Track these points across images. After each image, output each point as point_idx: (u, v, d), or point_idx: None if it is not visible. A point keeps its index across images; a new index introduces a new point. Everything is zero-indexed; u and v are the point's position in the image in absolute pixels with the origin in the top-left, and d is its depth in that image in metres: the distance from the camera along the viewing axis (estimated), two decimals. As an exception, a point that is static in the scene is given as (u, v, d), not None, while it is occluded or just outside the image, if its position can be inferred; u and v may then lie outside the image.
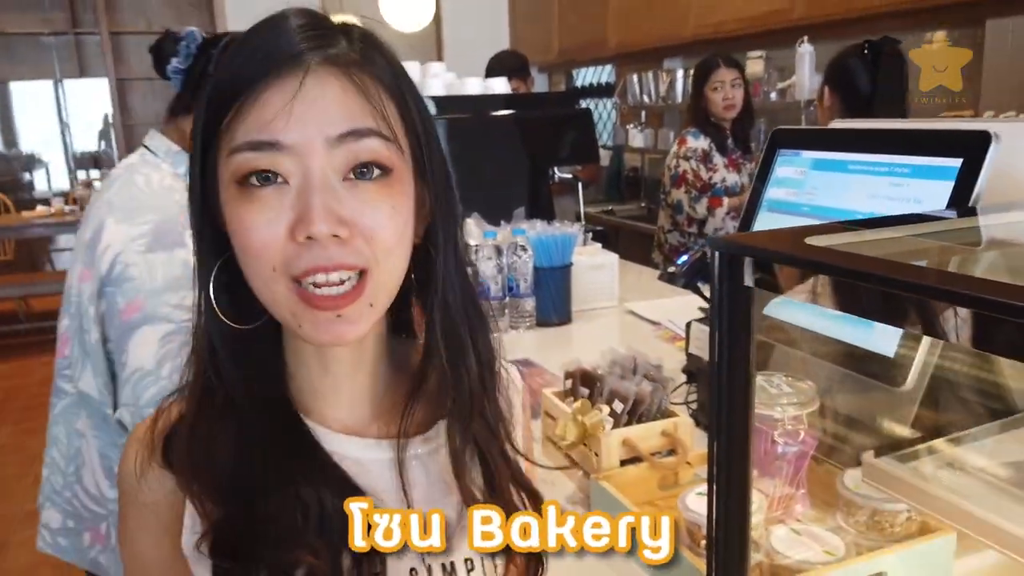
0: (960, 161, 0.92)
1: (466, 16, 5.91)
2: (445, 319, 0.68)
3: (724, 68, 3.02)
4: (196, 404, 0.66)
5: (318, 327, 0.59)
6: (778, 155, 1.20)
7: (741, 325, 0.68)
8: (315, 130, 0.57)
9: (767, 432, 0.99)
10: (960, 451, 0.81)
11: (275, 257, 0.58)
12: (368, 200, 0.59)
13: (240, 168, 0.58)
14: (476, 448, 0.71)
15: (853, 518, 0.92)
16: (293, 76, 0.57)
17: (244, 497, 0.62)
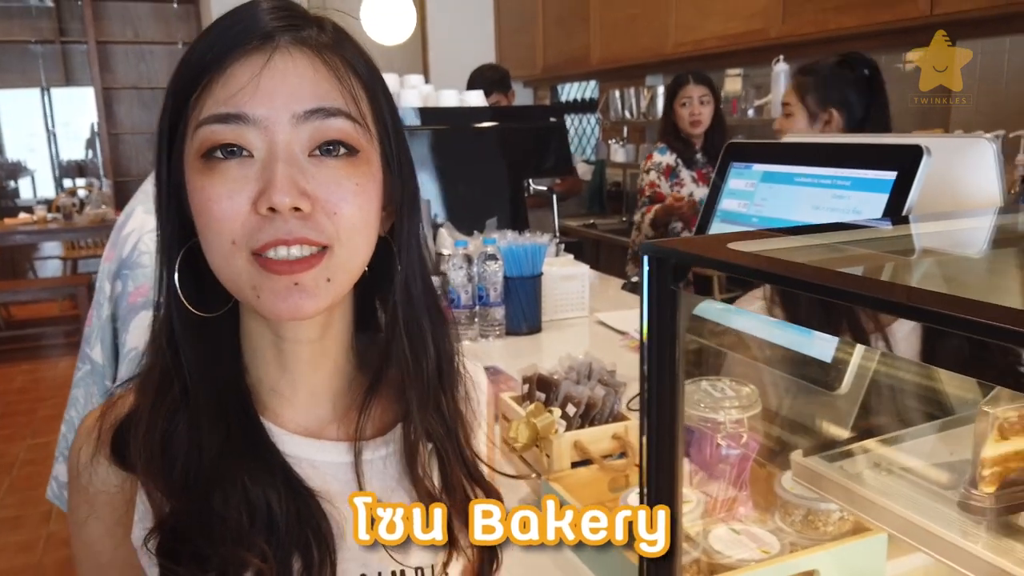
0: (895, 174, 0.96)
1: (452, 32, 5.97)
2: (407, 311, 0.68)
3: (692, 84, 3.07)
4: (153, 394, 0.64)
5: (276, 296, 0.58)
6: (731, 168, 1.24)
7: (668, 323, 0.71)
8: (282, 104, 0.57)
9: (711, 435, 1.02)
10: (888, 452, 0.84)
11: (236, 230, 0.58)
12: (333, 176, 0.59)
13: (205, 141, 0.58)
14: (432, 445, 0.70)
15: (789, 518, 0.94)
16: (262, 51, 0.58)
17: (194, 494, 0.61)
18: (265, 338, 0.66)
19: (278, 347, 0.66)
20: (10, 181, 7.45)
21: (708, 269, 0.67)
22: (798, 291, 0.55)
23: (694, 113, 3.08)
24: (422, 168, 2.28)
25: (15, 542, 3.04)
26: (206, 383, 0.64)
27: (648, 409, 0.73)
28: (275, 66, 0.58)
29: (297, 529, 0.62)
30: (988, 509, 0.70)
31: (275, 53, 0.58)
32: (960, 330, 0.43)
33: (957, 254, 0.81)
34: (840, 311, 0.56)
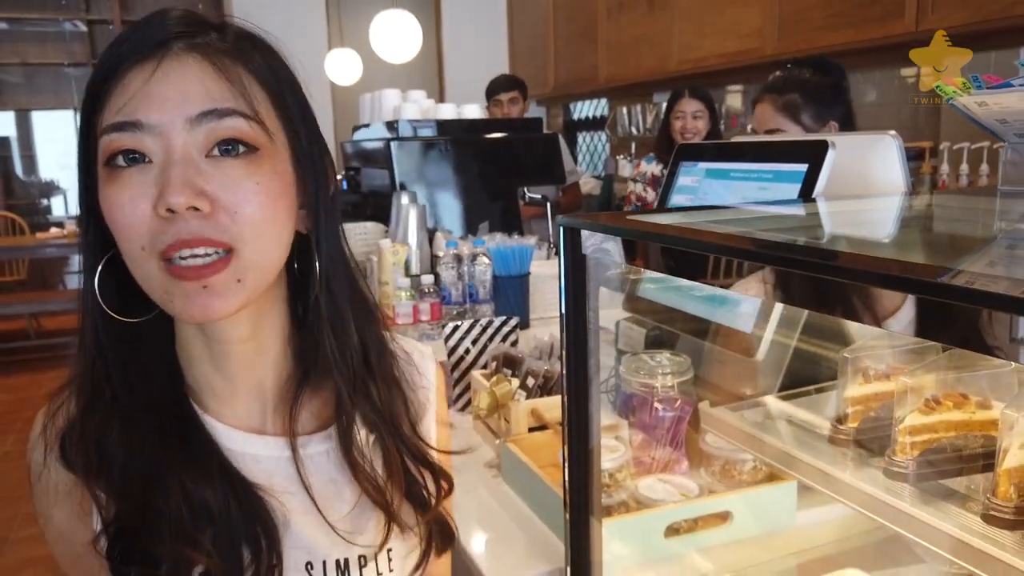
0: (807, 166, 1.08)
1: (467, 52, 6.16)
2: (329, 306, 0.68)
3: (687, 99, 3.18)
4: (85, 402, 0.65)
5: (187, 299, 0.59)
6: (680, 167, 1.37)
7: (580, 285, 0.84)
8: (174, 109, 0.58)
9: (649, 399, 1.14)
10: (783, 405, 0.96)
11: (142, 235, 0.59)
12: (231, 176, 0.59)
13: (106, 149, 0.59)
14: (372, 433, 0.73)
15: (710, 468, 1.06)
16: (153, 59, 0.59)
17: (135, 495, 0.62)
18: (196, 340, 0.68)
19: (210, 348, 0.67)
20: (43, 199, 7.71)
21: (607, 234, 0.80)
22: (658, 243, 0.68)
23: (687, 127, 3.18)
24: (420, 176, 2.44)
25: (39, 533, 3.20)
26: (137, 387, 0.64)
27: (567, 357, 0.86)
28: (165, 72, 0.59)
29: (241, 523, 0.64)
30: (850, 441, 0.81)
31: (164, 59, 0.59)
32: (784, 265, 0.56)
33: (791, 212, 0.94)
34: (693, 259, 0.69)
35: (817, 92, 1.96)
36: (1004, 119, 0.95)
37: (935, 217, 1.02)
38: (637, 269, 1.18)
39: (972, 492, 0.71)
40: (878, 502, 0.73)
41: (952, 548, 0.66)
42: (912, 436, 0.74)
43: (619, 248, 0.84)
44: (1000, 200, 1.01)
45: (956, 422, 0.75)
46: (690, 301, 1.17)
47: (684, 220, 0.82)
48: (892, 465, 0.75)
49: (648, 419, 1.15)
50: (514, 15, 6.36)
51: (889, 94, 3.67)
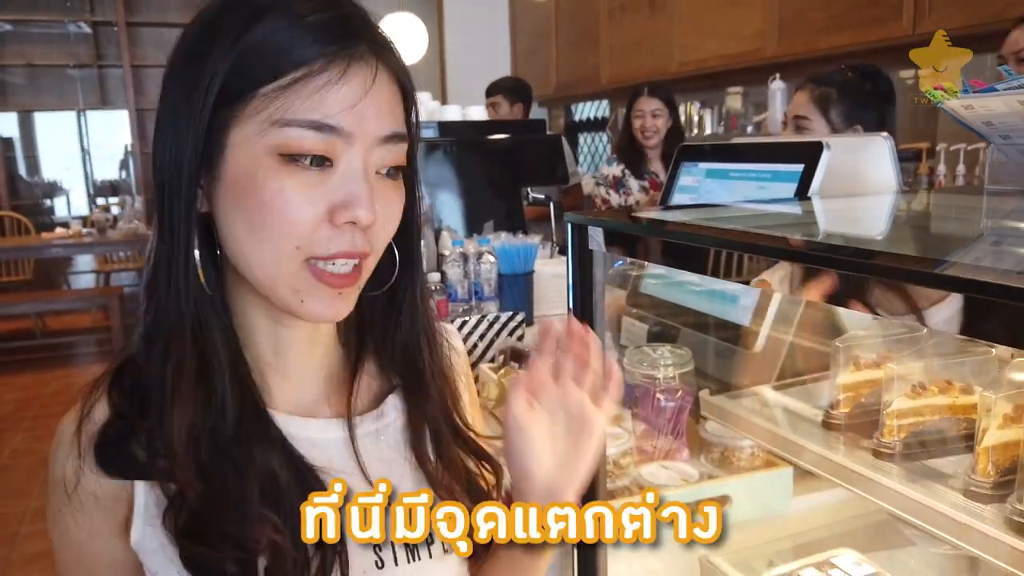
0: (802, 167, 1.13)
1: (469, 54, 6.21)
2: (420, 302, 0.71)
3: (646, 97, 3.15)
4: (173, 383, 0.62)
5: (323, 303, 0.61)
6: (681, 167, 1.42)
7: (588, 278, 0.89)
8: (372, 127, 0.59)
9: (651, 389, 1.19)
10: (779, 394, 1.01)
11: (304, 235, 0.58)
12: (389, 197, 0.62)
13: (292, 144, 0.57)
14: (425, 418, 0.72)
15: (710, 455, 1.11)
16: (364, 70, 0.59)
17: (211, 475, 0.61)
18: (262, 326, 0.67)
19: (275, 332, 0.67)
20: (46, 199, 7.77)
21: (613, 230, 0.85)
22: (661, 238, 0.73)
23: (646, 126, 3.17)
24: (425, 177, 2.48)
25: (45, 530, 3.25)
26: (218, 364, 0.63)
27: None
28: (376, 90, 0.59)
29: (303, 502, 0.62)
30: (842, 425, 0.86)
31: (377, 76, 0.60)
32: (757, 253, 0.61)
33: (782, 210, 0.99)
34: (698, 255, 0.74)
35: (853, 92, 1.99)
36: (989, 121, 0.99)
37: (926, 215, 1.07)
38: (640, 266, 1.23)
39: (954, 471, 0.76)
40: (867, 480, 0.78)
41: (935, 522, 0.71)
42: (899, 419, 0.79)
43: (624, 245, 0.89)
44: (987, 198, 1.05)
45: (941, 406, 0.80)
46: (690, 296, 1.22)
47: (688, 218, 0.86)
48: (880, 446, 0.80)
49: (651, 409, 1.19)
50: (516, 17, 6.41)
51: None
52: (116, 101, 7.32)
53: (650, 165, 3.28)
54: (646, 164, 3.27)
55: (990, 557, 0.67)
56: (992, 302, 0.48)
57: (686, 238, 0.77)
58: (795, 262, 0.66)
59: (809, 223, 0.96)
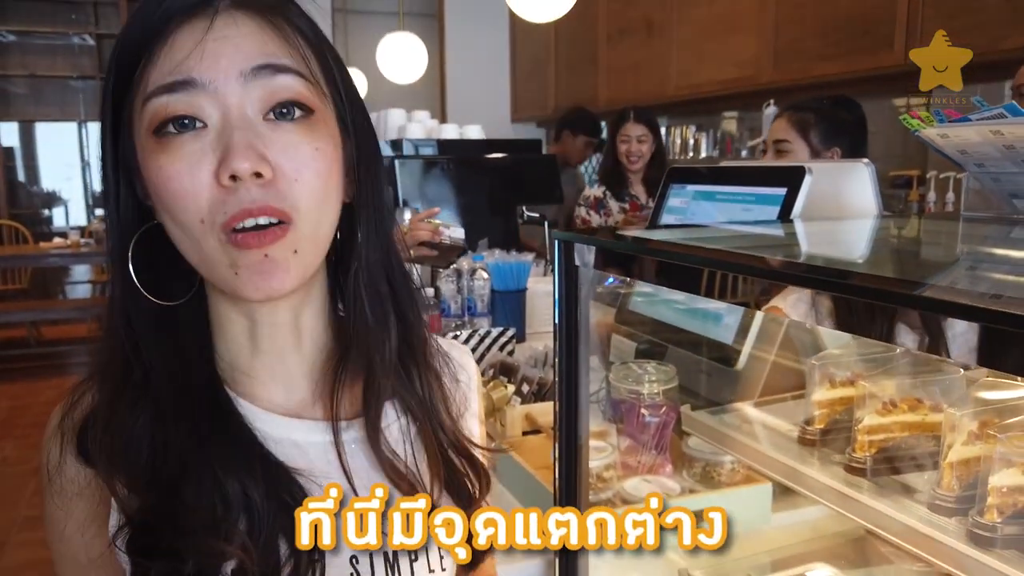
0: (785, 190, 1.17)
1: (469, 74, 6.29)
2: (366, 276, 0.66)
3: (632, 123, 3.20)
4: (112, 389, 0.61)
5: (252, 271, 0.57)
6: (671, 188, 1.45)
7: (573, 295, 0.92)
8: (228, 64, 0.56)
9: (636, 405, 1.21)
10: (759, 411, 1.04)
11: (202, 207, 0.56)
12: (290, 141, 0.57)
13: (156, 115, 0.56)
14: (414, 422, 0.69)
15: (691, 470, 1.14)
16: (203, 16, 0.56)
17: (163, 488, 0.58)
18: (238, 323, 0.65)
19: (252, 331, 0.65)
20: (45, 209, 7.80)
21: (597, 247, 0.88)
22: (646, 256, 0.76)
23: (631, 151, 3.22)
24: (422, 194, 2.53)
25: (40, 538, 3.25)
26: (169, 373, 0.61)
27: (561, 361, 0.94)
28: (218, 28, 0.56)
29: (280, 513, 0.59)
30: (816, 441, 0.89)
31: (217, 16, 0.56)
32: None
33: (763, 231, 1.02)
34: (672, 270, 0.77)
35: (829, 117, 2.12)
36: (964, 150, 1.03)
37: (903, 239, 1.11)
38: (629, 285, 1.26)
39: (922, 485, 0.78)
40: (838, 494, 0.80)
41: (902, 534, 0.74)
42: (870, 435, 0.82)
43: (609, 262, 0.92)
44: (962, 224, 1.09)
45: (910, 423, 0.83)
46: (676, 314, 1.25)
47: (673, 237, 0.90)
48: (852, 461, 0.83)
49: (635, 424, 1.22)
50: (516, 38, 6.49)
51: (879, 123, 3.76)
52: (117, 114, 7.36)
53: (631, 188, 3.33)
54: (628, 187, 3.33)
55: (953, 569, 0.69)
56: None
57: (669, 256, 0.80)
58: (773, 281, 0.69)
59: (790, 244, 0.99)
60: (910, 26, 3.07)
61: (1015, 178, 1.03)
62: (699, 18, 4.27)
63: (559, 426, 0.96)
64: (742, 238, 0.97)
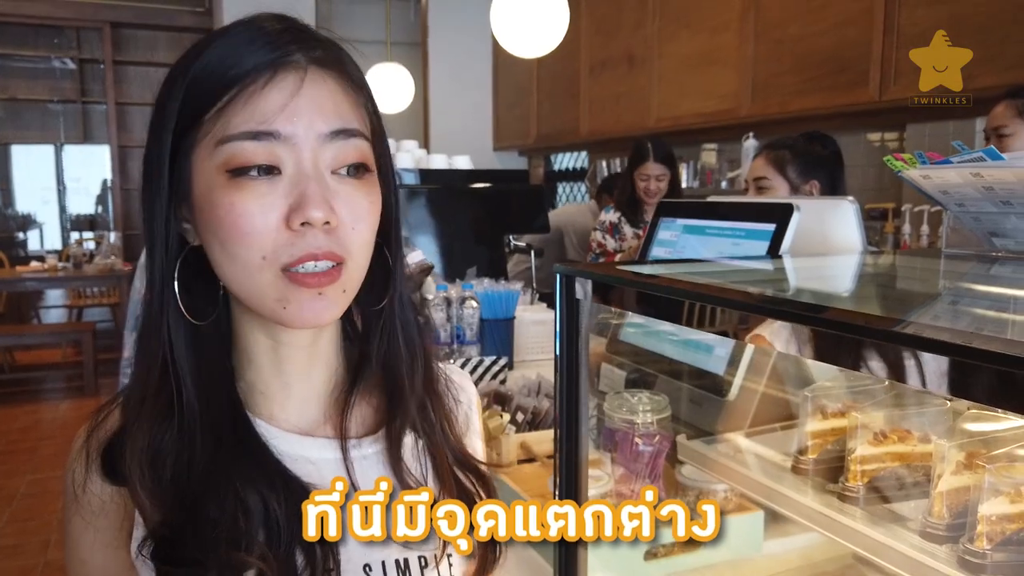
0: (774, 226, 1.21)
1: (452, 104, 6.36)
2: (403, 315, 0.72)
3: (652, 162, 3.29)
4: (143, 406, 0.64)
5: (302, 306, 0.61)
6: (661, 222, 1.49)
7: (574, 328, 0.94)
8: (310, 124, 0.60)
9: (630, 434, 1.24)
10: (752, 441, 1.07)
11: (266, 245, 0.60)
12: (352, 195, 0.62)
13: (236, 158, 0.59)
14: (424, 441, 0.73)
15: (685, 499, 1.16)
16: (292, 74, 0.61)
17: (185, 502, 0.61)
18: (261, 344, 0.68)
19: (275, 352, 0.68)
20: (19, 232, 7.71)
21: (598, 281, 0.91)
22: (646, 291, 0.79)
23: (650, 189, 3.30)
24: (411, 222, 2.56)
25: (15, 567, 3.19)
26: (198, 391, 0.64)
27: (561, 392, 0.96)
28: (306, 88, 0.61)
29: (297, 526, 0.62)
30: (810, 471, 0.92)
31: (306, 77, 0.61)
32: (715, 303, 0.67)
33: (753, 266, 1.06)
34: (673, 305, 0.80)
35: (804, 152, 2.24)
36: (945, 191, 1.08)
37: (888, 275, 1.15)
38: (620, 315, 1.29)
39: (912, 513, 0.81)
40: (834, 522, 0.83)
41: (895, 561, 0.76)
42: (862, 465, 0.85)
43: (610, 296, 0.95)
44: (944, 261, 1.13)
45: (900, 453, 0.86)
46: (667, 345, 1.28)
47: (672, 272, 0.93)
48: (845, 490, 0.86)
49: (629, 453, 1.24)
50: (499, 70, 6.58)
51: (856, 157, 3.87)
52: (98, 136, 7.35)
53: (646, 215, 3.42)
54: (642, 214, 3.42)
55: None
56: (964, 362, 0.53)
57: (672, 292, 0.82)
58: (766, 316, 0.72)
59: (780, 279, 1.02)
60: (884, 65, 3.17)
61: (995, 218, 1.08)
62: (679, 52, 4.37)
63: (559, 454, 0.98)
64: (738, 273, 1.00)
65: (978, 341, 0.52)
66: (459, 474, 0.74)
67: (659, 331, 1.29)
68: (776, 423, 1.12)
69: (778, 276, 1.04)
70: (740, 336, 0.85)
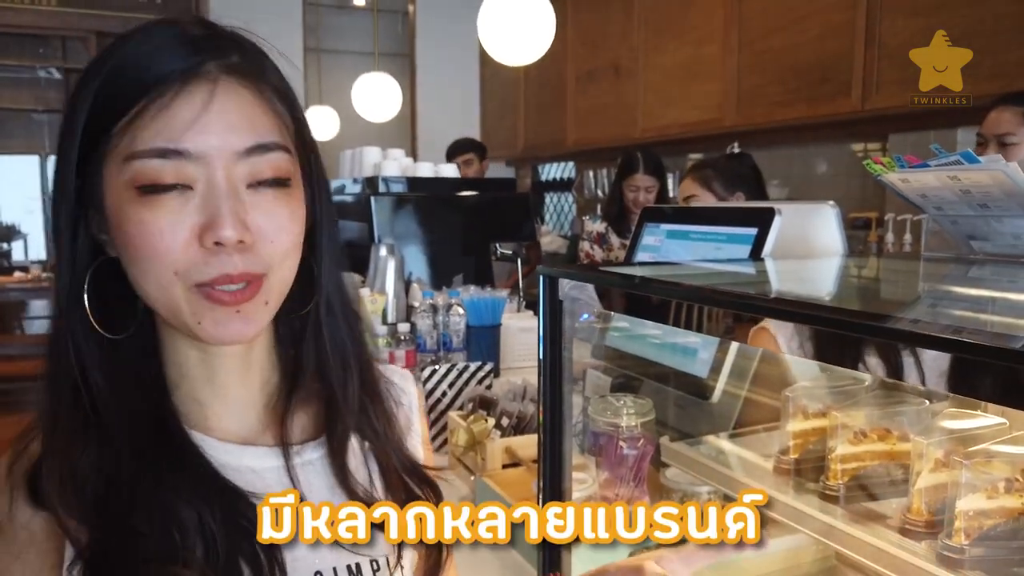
0: (756, 230, 1.22)
1: (440, 114, 6.37)
2: (330, 323, 0.70)
3: (641, 174, 3.30)
4: (58, 425, 0.61)
5: (218, 324, 0.60)
6: (645, 227, 1.50)
7: (557, 327, 0.95)
8: (222, 141, 0.58)
9: (615, 437, 1.24)
10: (734, 441, 1.08)
11: (177, 262, 0.58)
12: (270, 208, 0.60)
13: (144, 175, 0.57)
14: (369, 446, 0.73)
15: (669, 500, 1.16)
16: (202, 86, 0.58)
17: (113, 520, 0.59)
18: (191, 355, 0.66)
19: (206, 363, 0.66)
20: (3, 243, 7.64)
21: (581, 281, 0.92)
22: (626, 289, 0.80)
23: (638, 200, 3.31)
24: (397, 230, 2.56)
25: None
26: (117, 405, 0.62)
27: (545, 391, 0.96)
28: (217, 102, 0.58)
29: (238, 537, 0.61)
30: (792, 470, 0.93)
31: (217, 89, 0.58)
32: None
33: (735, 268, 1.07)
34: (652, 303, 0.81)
35: (726, 170, 2.45)
36: (924, 194, 1.09)
37: (867, 277, 1.16)
38: (605, 320, 1.29)
39: (892, 511, 0.82)
40: (814, 521, 0.84)
41: (876, 558, 0.77)
42: (843, 464, 0.86)
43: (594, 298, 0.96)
44: (923, 264, 1.15)
45: (880, 452, 0.87)
46: (651, 349, 1.29)
47: (652, 273, 0.94)
48: (826, 489, 0.86)
49: (613, 456, 1.24)
50: (486, 80, 6.61)
51: (839, 166, 3.91)
52: (83, 147, 7.30)
53: (632, 225, 3.40)
54: (629, 224, 3.41)
55: (924, 590, 0.73)
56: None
57: (650, 290, 0.84)
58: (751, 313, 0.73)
59: (761, 281, 1.03)
60: (866, 76, 3.21)
61: (972, 221, 1.09)
62: (665, 64, 4.41)
63: (543, 456, 0.98)
64: (719, 275, 1.01)
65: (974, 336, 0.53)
66: (407, 480, 0.74)
67: (643, 335, 1.30)
68: (758, 425, 1.13)
69: (760, 278, 1.05)
70: (734, 332, 0.86)
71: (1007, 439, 0.76)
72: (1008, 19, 2.81)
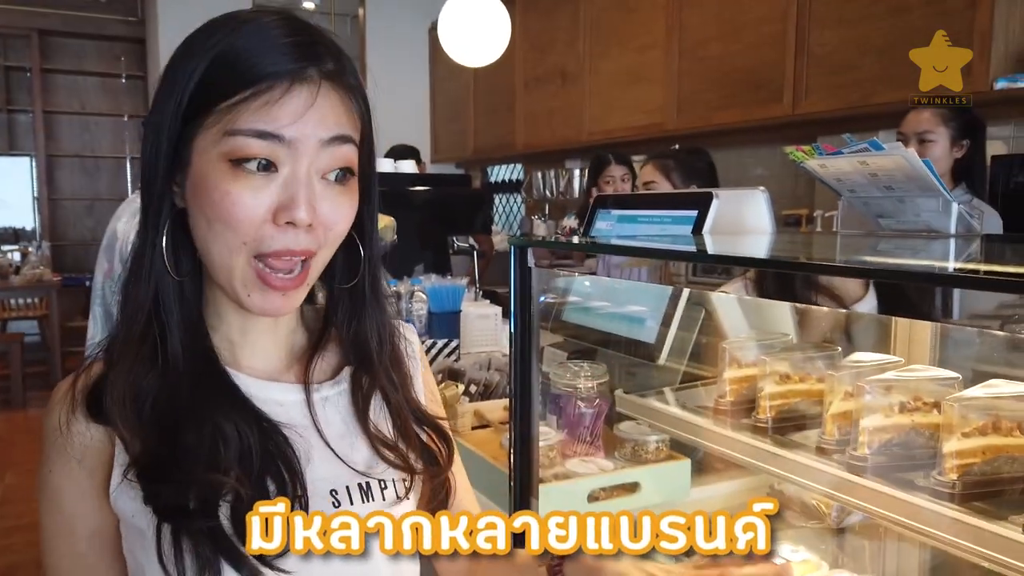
0: (696, 212, 1.37)
1: (390, 117, 6.43)
2: (374, 298, 0.79)
3: (615, 165, 3.44)
4: (128, 350, 0.69)
5: (264, 300, 0.68)
6: (598, 214, 1.65)
7: (527, 293, 1.08)
8: (313, 132, 0.66)
9: (573, 398, 1.38)
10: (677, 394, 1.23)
11: (249, 232, 0.65)
12: (336, 199, 0.68)
13: (240, 150, 0.64)
14: (382, 394, 0.80)
15: (622, 450, 1.31)
16: (305, 88, 0.66)
17: (166, 432, 0.67)
18: (229, 307, 0.74)
19: (240, 314, 0.74)
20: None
21: (549, 248, 1.05)
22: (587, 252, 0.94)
23: (617, 190, 3.42)
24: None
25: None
26: (180, 337, 0.70)
27: (515, 355, 1.09)
28: (319, 103, 0.66)
29: (267, 455, 0.69)
30: (729, 411, 1.08)
31: (317, 92, 0.66)
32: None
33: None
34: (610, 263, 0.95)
35: (684, 163, 2.58)
36: (840, 178, 1.26)
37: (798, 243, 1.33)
38: (562, 296, 1.43)
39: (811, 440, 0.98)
40: (747, 447, 0.99)
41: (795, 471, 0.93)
42: (771, 401, 1.01)
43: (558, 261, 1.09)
44: (840, 238, 1.32)
45: (801, 391, 1.03)
46: (603, 320, 1.43)
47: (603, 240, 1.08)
48: (757, 422, 1.02)
49: (572, 415, 1.38)
50: (436, 84, 6.73)
51: (772, 167, 4.14)
52: (24, 147, 7.16)
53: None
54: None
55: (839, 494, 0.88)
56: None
57: (604, 250, 0.98)
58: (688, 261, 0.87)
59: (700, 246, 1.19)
60: (796, 82, 3.43)
61: (880, 201, 1.27)
62: (609, 69, 4.59)
63: (515, 409, 1.11)
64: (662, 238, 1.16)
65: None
66: (418, 429, 0.81)
67: (596, 307, 1.44)
68: (698, 382, 1.29)
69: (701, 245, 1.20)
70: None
71: (902, 369, 0.92)
72: (924, 31, 3.05)
